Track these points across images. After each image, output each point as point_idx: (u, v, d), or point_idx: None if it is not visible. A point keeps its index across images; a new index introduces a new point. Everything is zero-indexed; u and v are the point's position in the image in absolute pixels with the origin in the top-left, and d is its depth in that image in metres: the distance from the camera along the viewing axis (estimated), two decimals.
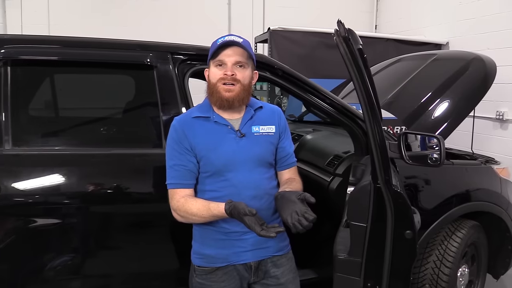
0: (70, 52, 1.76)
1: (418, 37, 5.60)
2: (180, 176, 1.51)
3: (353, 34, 1.27)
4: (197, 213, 1.46)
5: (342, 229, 1.61)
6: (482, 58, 2.67)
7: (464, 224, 2.39)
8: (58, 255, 1.69)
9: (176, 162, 1.51)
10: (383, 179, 1.31)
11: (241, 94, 1.49)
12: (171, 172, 1.53)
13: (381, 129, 1.32)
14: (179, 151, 1.51)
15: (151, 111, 1.88)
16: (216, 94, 1.49)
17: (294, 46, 5.02)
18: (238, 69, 1.48)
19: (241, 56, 1.48)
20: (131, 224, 1.79)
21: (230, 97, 1.47)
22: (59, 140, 1.79)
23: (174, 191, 1.52)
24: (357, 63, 1.28)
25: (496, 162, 2.75)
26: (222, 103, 1.49)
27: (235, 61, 1.47)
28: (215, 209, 1.44)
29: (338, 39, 1.30)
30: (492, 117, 4.59)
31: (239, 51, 1.47)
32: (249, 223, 1.33)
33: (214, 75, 1.49)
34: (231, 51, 1.47)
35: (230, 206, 1.39)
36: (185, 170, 1.51)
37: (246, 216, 1.33)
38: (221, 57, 1.47)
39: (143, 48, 1.87)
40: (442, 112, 2.46)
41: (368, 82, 1.28)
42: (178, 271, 1.80)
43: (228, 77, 1.46)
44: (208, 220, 1.48)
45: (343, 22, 1.29)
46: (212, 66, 1.51)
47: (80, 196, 1.69)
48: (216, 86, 1.48)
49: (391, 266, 1.36)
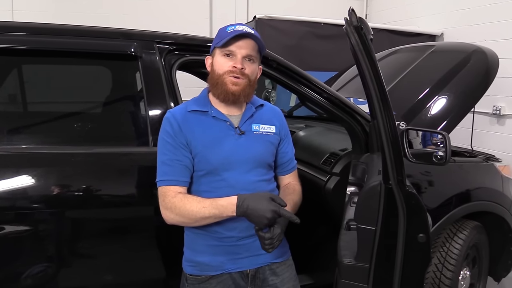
0: (47, 41, 1.69)
1: (412, 28, 5.66)
2: (175, 172, 1.45)
3: (365, 24, 1.26)
4: (197, 210, 1.39)
5: (344, 232, 1.60)
6: (483, 50, 2.69)
7: (466, 225, 2.42)
8: (32, 266, 1.63)
9: (170, 157, 1.46)
10: (395, 179, 1.31)
11: (247, 89, 1.47)
12: (164, 167, 1.46)
13: (395, 124, 1.31)
14: (173, 145, 1.46)
15: (136, 106, 1.83)
16: (221, 86, 1.45)
17: (281, 36, 5.01)
18: (247, 63, 1.46)
19: (252, 50, 1.46)
20: (116, 229, 1.74)
21: (236, 91, 1.45)
22: (33, 138, 1.73)
23: (166, 188, 1.45)
24: (369, 54, 1.27)
25: (497, 159, 2.80)
26: (227, 97, 1.46)
27: (246, 54, 1.45)
28: (222, 199, 1.39)
29: (349, 28, 1.29)
30: (489, 112, 4.67)
31: (251, 44, 1.45)
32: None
33: (221, 66, 1.46)
34: (244, 43, 1.44)
35: (243, 201, 1.35)
36: (181, 165, 1.46)
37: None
38: (232, 48, 1.44)
39: (126, 36, 1.81)
40: (443, 108, 2.47)
41: (381, 75, 1.27)
42: (168, 280, 1.77)
43: (237, 71, 1.43)
44: (207, 216, 1.40)
45: (354, 10, 1.28)
46: (219, 55, 1.47)
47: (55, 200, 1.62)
48: (223, 78, 1.45)
49: (402, 272, 1.36)
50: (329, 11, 6.40)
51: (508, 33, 4.50)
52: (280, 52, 2.00)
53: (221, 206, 1.39)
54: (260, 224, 1.35)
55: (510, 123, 4.58)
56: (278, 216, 1.34)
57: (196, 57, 1.88)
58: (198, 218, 1.41)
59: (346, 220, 1.68)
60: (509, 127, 4.59)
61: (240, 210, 1.36)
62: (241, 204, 1.36)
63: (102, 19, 5.03)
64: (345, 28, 1.33)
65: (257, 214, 1.33)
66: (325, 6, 6.51)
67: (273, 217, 1.33)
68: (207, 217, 1.40)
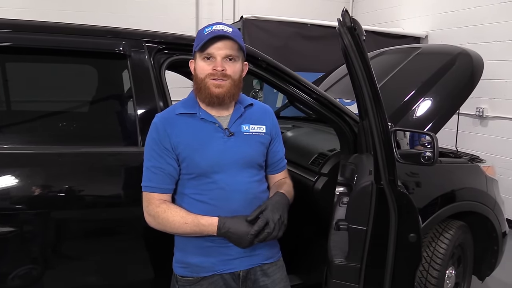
0: (32, 38, 1.66)
1: (397, 30, 5.72)
2: (158, 180, 1.47)
3: (358, 25, 1.27)
4: (179, 226, 1.43)
5: (334, 232, 1.61)
6: (468, 53, 2.74)
7: (452, 225, 2.46)
8: (18, 268, 1.60)
9: (155, 164, 1.46)
10: (387, 180, 1.32)
11: (231, 90, 1.45)
12: (148, 174, 1.48)
13: (387, 125, 1.33)
14: (158, 153, 1.46)
15: (124, 105, 1.81)
16: (205, 90, 1.44)
17: (268, 37, 5.00)
18: (228, 63, 1.44)
19: (231, 49, 1.43)
20: (104, 230, 1.72)
21: (220, 94, 1.43)
22: (18, 138, 1.69)
23: (151, 195, 1.47)
24: (363, 55, 1.28)
25: (482, 160, 2.85)
26: (212, 100, 1.45)
27: (225, 54, 1.43)
28: (204, 218, 1.43)
29: (342, 29, 1.29)
30: (472, 113, 4.75)
31: (229, 43, 1.43)
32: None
33: (202, 70, 1.44)
34: (221, 44, 1.42)
35: (224, 224, 1.40)
36: (164, 173, 1.46)
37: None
38: (210, 51, 1.42)
39: (114, 35, 1.79)
40: (429, 109, 2.51)
41: (374, 75, 1.28)
42: (158, 281, 1.75)
43: (217, 73, 1.42)
44: (188, 232, 1.45)
45: (348, 11, 1.29)
46: (199, 59, 1.46)
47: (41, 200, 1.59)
48: (205, 82, 1.44)
49: (393, 271, 1.37)
50: (315, 12, 6.45)
51: (491, 36, 4.58)
52: (267, 53, 2.01)
53: (202, 225, 1.43)
54: (241, 246, 1.42)
55: (493, 125, 4.67)
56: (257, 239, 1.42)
57: (186, 57, 1.85)
58: (179, 232, 1.47)
59: (335, 220, 1.69)
60: (492, 129, 4.68)
61: (221, 232, 1.41)
62: (222, 227, 1.41)
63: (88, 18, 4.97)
64: (338, 29, 1.33)
65: (237, 237, 1.41)
66: (311, 7, 6.55)
67: (252, 240, 1.40)
68: (188, 233, 1.45)
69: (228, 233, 1.40)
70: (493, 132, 4.66)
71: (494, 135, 4.65)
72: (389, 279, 1.37)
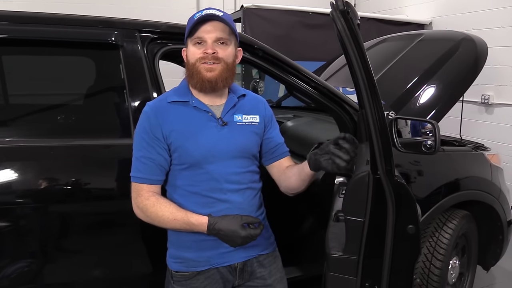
0: (23, 30, 1.63)
1: (400, 17, 5.64)
2: (148, 171, 1.43)
3: (352, 8, 1.21)
4: (168, 221, 1.39)
5: (332, 224, 1.57)
6: (472, 38, 2.67)
7: (455, 214, 2.42)
8: (12, 263, 1.58)
9: (145, 154, 1.43)
10: (384, 170, 1.28)
11: (224, 74, 1.41)
12: (138, 164, 1.44)
13: (383, 113, 1.28)
14: (148, 142, 1.42)
15: (117, 96, 1.78)
16: (196, 75, 1.40)
17: (269, 26, 4.94)
18: (220, 46, 1.40)
19: (222, 32, 1.39)
20: (98, 224, 1.70)
21: (212, 78, 1.39)
22: (10, 131, 1.67)
23: (140, 186, 1.43)
24: (356, 40, 1.23)
25: (486, 148, 2.80)
26: (204, 85, 1.41)
27: (215, 37, 1.39)
28: (194, 217, 1.39)
29: (335, 13, 1.25)
30: (477, 101, 4.68)
31: (220, 26, 1.39)
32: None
33: (193, 55, 1.41)
34: (210, 26, 1.38)
35: (214, 224, 1.36)
36: (154, 164, 1.43)
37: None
38: (200, 34, 1.39)
39: (106, 25, 1.75)
40: (432, 97, 2.46)
41: (368, 61, 1.24)
42: (154, 275, 1.73)
43: (208, 56, 1.38)
44: (178, 229, 1.42)
45: None
46: (190, 44, 1.42)
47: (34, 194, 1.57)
48: (196, 66, 1.40)
49: (391, 264, 1.34)
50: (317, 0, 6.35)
51: (496, 21, 4.49)
52: (268, 42, 1.96)
53: (192, 224, 1.39)
54: (233, 245, 1.38)
55: (499, 112, 4.60)
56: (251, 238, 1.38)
57: (180, 46, 1.81)
58: (169, 227, 1.44)
59: (335, 211, 1.65)
60: (497, 116, 4.61)
61: (212, 232, 1.38)
62: (212, 227, 1.37)
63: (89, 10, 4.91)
64: (331, 13, 1.29)
65: (228, 239, 1.37)
66: None
67: (244, 241, 1.36)
68: (178, 229, 1.42)
69: (219, 234, 1.37)
70: (499, 119, 4.59)
71: (499, 122, 4.58)
72: (387, 272, 1.34)
